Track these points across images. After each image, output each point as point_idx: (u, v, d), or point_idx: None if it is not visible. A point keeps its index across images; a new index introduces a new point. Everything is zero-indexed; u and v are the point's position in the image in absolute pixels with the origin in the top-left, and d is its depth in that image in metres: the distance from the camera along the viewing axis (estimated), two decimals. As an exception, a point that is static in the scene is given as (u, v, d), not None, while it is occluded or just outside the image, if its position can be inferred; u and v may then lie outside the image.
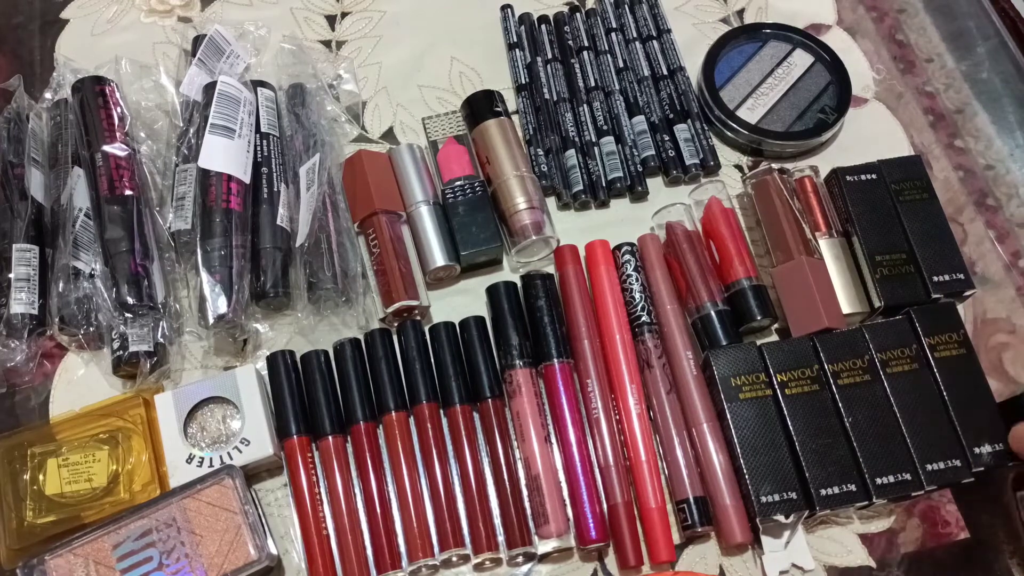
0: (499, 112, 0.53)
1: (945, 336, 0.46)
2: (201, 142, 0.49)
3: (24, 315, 0.46)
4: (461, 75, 0.58)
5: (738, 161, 0.55)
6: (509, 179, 0.50)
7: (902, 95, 0.58)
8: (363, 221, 0.49)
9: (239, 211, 0.48)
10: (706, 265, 0.48)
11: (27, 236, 0.48)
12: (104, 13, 0.60)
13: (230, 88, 0.51)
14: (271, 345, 0.48)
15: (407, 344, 0.47)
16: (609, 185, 0.52)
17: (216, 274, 0.45)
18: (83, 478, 0.42)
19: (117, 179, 0.48)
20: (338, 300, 0.47)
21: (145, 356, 0.45)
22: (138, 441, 0.43)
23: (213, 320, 0.45)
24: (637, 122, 0.54)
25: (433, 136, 0.54)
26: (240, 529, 0.41)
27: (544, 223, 0.50)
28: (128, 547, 0.40)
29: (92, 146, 0.49)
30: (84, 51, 0.58)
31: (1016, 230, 0.53)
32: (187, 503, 0.41)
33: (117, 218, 0.47)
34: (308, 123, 0.52)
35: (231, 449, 0.43)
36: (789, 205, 0.49)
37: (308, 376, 0.46)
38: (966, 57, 0.59)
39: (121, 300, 0.45)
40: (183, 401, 0.44)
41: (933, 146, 0.56)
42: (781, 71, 0.56)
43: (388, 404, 0.45)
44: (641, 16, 0.59)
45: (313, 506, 0.43)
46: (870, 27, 0.61)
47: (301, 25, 0.60)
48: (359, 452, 0.44)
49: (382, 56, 0.58)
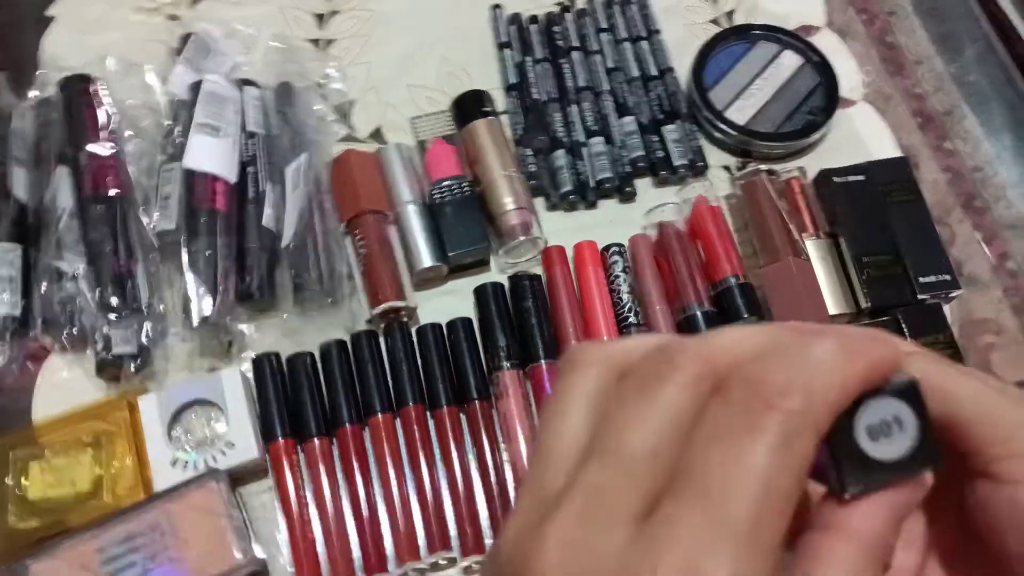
0: (488, 112, 0.53)
1: (932, 337, 0.46)
2: (187, 141, 0.48)
3: (7, 316, 0.45)
4: (450, 75, 0.57)
5: (726, 162, 0.55)
6: (497, 179, 0.50)
7: (891, 97, 0.58)
8: (350, 221, 0.49)
9: (225, 211, 0.47)
10: (694, 265, 0.48)
11: (10, 236, 0.47)
12: (91, 10, 0.59)
13: (217, 87, 0.50)
14: (256, 347, 0.47)
15: (394, 346, 0.46)
16: (598, 186, 0.52)
17: (201, 275, 0.45)
18: (67, 482, 0.42)
19: (102, 179, 0.48)
20: (324, 301, 0.47)
21: (129, 358, 0.45)
22: (122, 444, 0.43)
23: (198, 321, 0.45)
24: (626, 122, 0.54)
25: (421, 136, 0.54)
26: (225, 533, 0.40)
27: (532, 224, 0.50)
28: (113, 551, 0.40)
29: (77, 145, 0.49)
30: (70, 49, 0.57)
31: (1003, 232, 0.53)
32: (172, 507, 0.41)
33: (101, 218, 0.47)
34: (295, 122, 0.52)
35: (216, 452, 0.43)
36: (776, 206, 0.49)
37: (294, 378, 0.45)
38: (955, 59, 0.59)
39: (105, 301, 0.45)
40: (167, 403, 0.44)
41: (921, 148, 0.56)
42: (770, 72, 0.56)
43: (374, 406, 0.45)
44: (631, 16, 0.58)
45: (299, 509, 0.43)
46: (860, 29, 0.61)
47: (290, 23, 0.59)
48: (345, 454, 0.44)
49: (371, 55, 0.58)
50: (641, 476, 0.19)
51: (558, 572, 0.18)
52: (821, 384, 0.18)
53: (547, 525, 0.18)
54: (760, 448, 0.18)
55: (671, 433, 0.19)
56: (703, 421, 0.19)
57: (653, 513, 0.18)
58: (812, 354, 0.19)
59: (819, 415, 0.18)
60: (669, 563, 0.17)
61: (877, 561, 0.19)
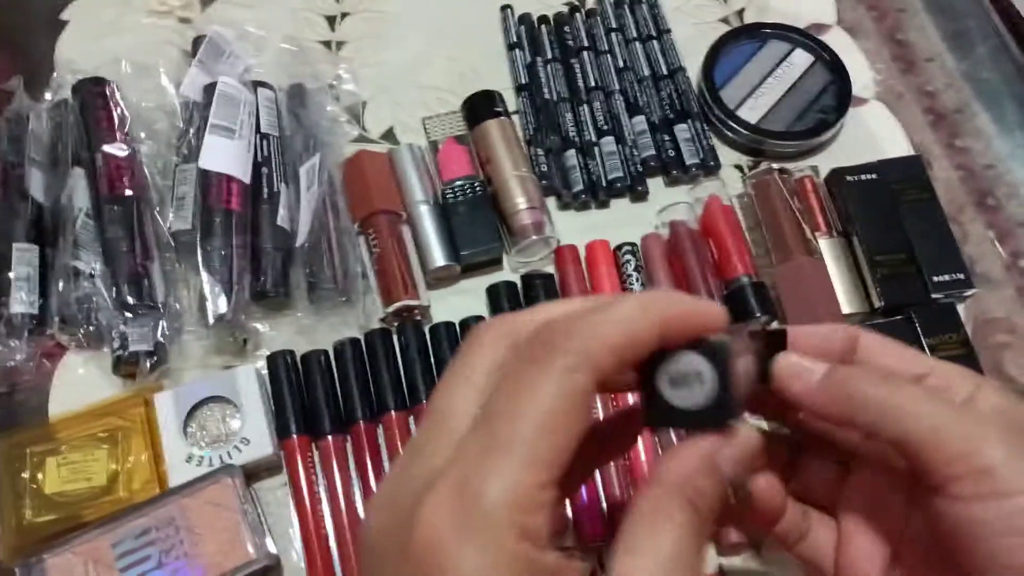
0: (499, 112, 0.53)
1: (945, 336, 0.46)
2: (201, 142, 0.49)
3: (24, 315, 0.46)
4: (461, 75, 0.58)
5: (738, 161, 0.55)
6: (509, 179, 0.50)
7: (902, 95, 0.58)
8: (363, 221, 0.49)
9: (239, 211, 0.48)
10: (706, 264, 0.48)
11: (27, 236, 0.48)
12: (104, 14, 0.60)
13: (230, 89, 0.51)
14: (271, 345, 0.48)
15: (407, 344, 0.46)
16: (609, 185, 0.52)
17: (216, 274, 0.45)
18: (82, 477, 0.42)
19: (117, 179, 0.48)
20: (338, 300, 0.47)
21: (145, 355, 0.45)
22: (137, 440, 0.43)
23: (213, 320, 0.45)
24: (637, 122, 0.54)
25: (433, 136, 0.54)
26: (239, 528, 0.41)
27: (544, 223, 0.50)
28: (127, 546, 0.40)
29: (92, 146, 0.49)
30: (84, 52, 0.58)
31: (1016, 230, 0.53)
32: (186, 502, 0.41)
33: (117, 218, 0.47)
34: (308, 123, 0.52)
35: (230, 448, 0.43)
36: (789, 205, 0.49)
37: (308, 376, 0.46)
38: (966, 57, 0.59)
39: (121, 300, 0.45)
40: (183, 400, 0.44)
41: (933, 146, 0.56)
42: (781, 71, 0.56)
43: (388, 404, 0.45)
44: (641, 16, 0.59)
45: (312, 505, 0.43)
46: (870, 27, 0.61)
47: (301, 25, 0.60)
48: (359, 452, 0.44)
49: (382, 56, 0.58)
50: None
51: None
52: (603, 330, 0.21)
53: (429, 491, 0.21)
54: (540, 378, 0.20)
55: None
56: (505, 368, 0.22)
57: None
58: (608, 309, 0.22)
59: (596, 354, 0.21)
60: (446, 480, 0.20)
61: (685, 503, 0.21)
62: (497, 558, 0.19)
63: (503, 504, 0.19)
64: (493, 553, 0.19)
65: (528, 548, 0.20)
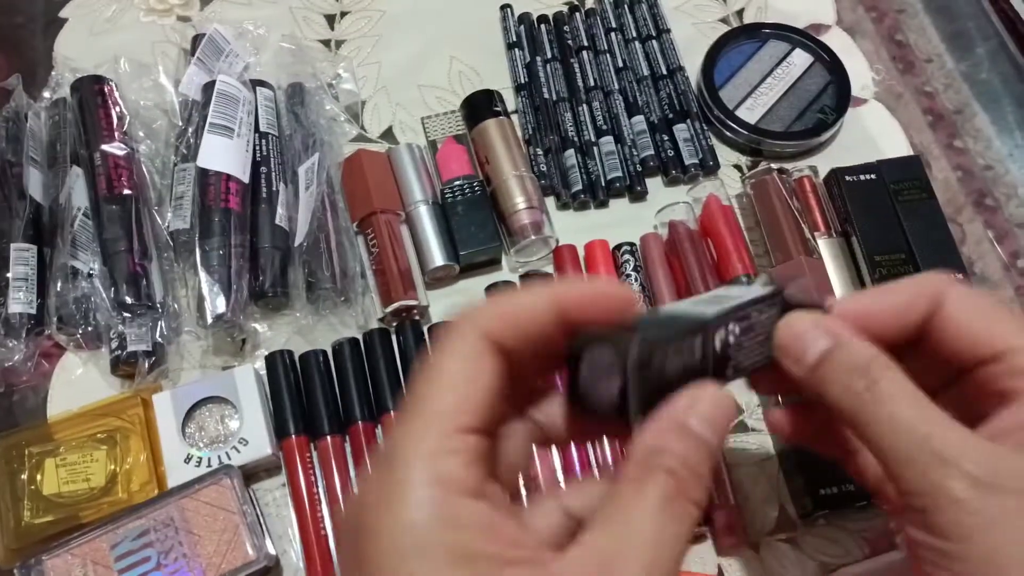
0: (498, 112, 0.53)
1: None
2: (200, 141, 0.49)
3: (22, 315, 0.46)
4: (460, 75, 0.58)
5: (737, 161, 0.55)
6: (508, 179, 0.50)
7: (901, 95, 0.58)
8: (362, 221, 0.49)
9: (238, 211, 0.48)
10: (705, 264, 0.48)
11: (25, 235, 0.48)
12: (103, 12, 0.60)
13: (229, 87, 0.51)
14: (270, 345, 0.48)
15: (406, 344, 0.46)
16: (608, 185, 0.52)
17: (215, 274, 0.45)
18: (81, 478, 0.42)
19: (116, 178, 0.48)
20: (337, 300, 0.47)
21: (143, 356, 0.45)
22: (136, 441, 0.43)
23: (212, 320, 0.45)
24: (636, 122, 0.54)
25: (432, 136, 0.54)
26: (238, 529, 0.41)
27: (543, 223, 0.50)
28: (126, 547, 0.40)
29: (91, 145, 0.49)
30: (83, 50, 0.58)
31: (1015, 230, 0.53)
32: (185, 503, 0.41)
33: (116, 217, 0.47)
34: (307, 122, 0.52)
35: (229, 449, 0.43)
36: (788, 205, 0.49)
37: (307, 376, 0.46)
38: (966, 57, 0.59)
39: (119, 299, 0.45)
40: (181, 401, 0.44)
41: (932, 146, 0.56)
42: (780, 71, 0.56)
43: (387, 404, 0.45)
44: (640, 16, 0.59)
45: (311, 506, 0.43)
46: (870, 27, 0.61)
47: (300, 24, 0.59)
48: (357, 452, 0.44)
49: (381, 55, 0.58)
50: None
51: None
52: (497, 301, 0.24)
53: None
54: (442, 346, 0.23)
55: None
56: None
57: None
58: (521, 291, 0.25)
59: (486, 321, 0.23)
60: (377, 455, 0.23)
61: (660, 473, 0.22)
62: (413, 510, 0.20)
63: (412, 456, 0.21)
64: (408, 506, 0.20)
65: (441, 493, 0.20)
